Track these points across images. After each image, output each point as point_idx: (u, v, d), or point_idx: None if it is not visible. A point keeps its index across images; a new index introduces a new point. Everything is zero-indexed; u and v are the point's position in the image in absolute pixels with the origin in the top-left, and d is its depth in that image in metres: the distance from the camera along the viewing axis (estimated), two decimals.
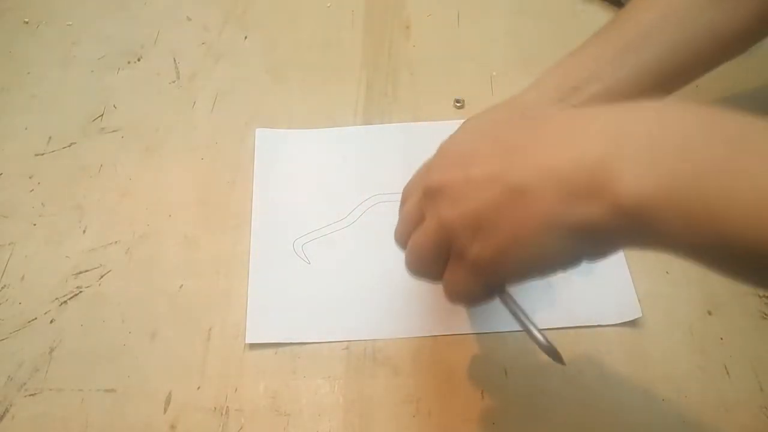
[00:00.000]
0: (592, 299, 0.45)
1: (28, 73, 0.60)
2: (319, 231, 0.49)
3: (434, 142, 0.36)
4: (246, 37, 0.62)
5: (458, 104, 0.56)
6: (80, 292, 0.47)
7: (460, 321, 0.45)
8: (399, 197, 0.50)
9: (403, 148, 0.53)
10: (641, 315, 0.44)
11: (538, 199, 0.27)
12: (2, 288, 0.47)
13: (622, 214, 0.25)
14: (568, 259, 0.28)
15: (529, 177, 0.27)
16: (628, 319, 0.44)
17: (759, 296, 0.45)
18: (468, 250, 0.30)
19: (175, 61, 0.60)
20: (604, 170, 0.25)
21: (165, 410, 0.42)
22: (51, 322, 0.46)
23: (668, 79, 0.43)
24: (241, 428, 0.41)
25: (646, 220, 0.24)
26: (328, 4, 0.64)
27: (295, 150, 0.54)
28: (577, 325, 0.44)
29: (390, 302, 0.46)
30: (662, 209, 0.24)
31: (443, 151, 0.33)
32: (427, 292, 0.45)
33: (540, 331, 0.33)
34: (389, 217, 0.49)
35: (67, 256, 0.49)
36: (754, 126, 0.25)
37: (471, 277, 0.31)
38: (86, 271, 0.48)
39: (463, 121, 0.39)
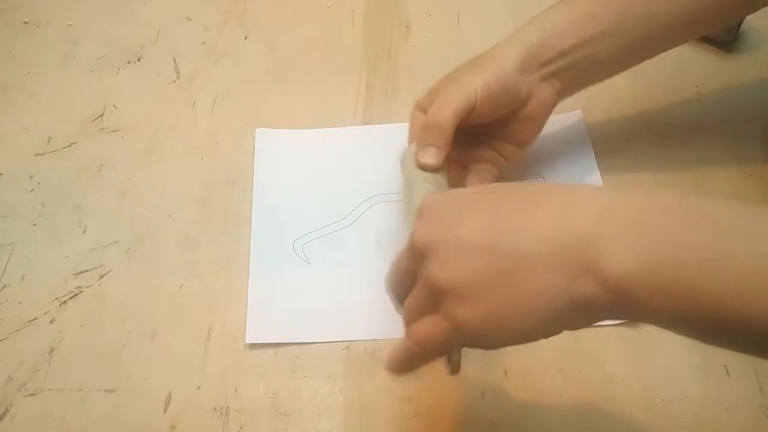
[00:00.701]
0: None
1: (28, 73, 0.60)
2: (319, 231, 0.49)
3: None
4: (246, 37, 0.62)
5: None
6: (80, 292, 0.47)
7: None
8: (399, 197, 0.50)
9: (403, 148, 0.53)
10: None
11: (535, 271, 0.27)
12: (2, 288, 0.47)
13: (609, 291, 0.26)
14: (553, 330, 0.29)
15: (525, 248, 0.28)
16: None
17: None
18: (454, 314, 0.29)
19: (175, 61, 0.60)
20: (593, 248, 0.26)
21: (165, 410, 0.42)
22: (51, 322, 0.46)
23: (647, 51, 0.45)
24: (241, 428, 0.41)
25: (630, 296, 0.26)
26: (328, 4, 0.64)
27: (295, 150, 0.54)
28: None
29: (386, 303, 0.46)
30: (643, 287, 0.25)
31: (426, 209, 0.32)
32: None
33: None
34: (389, 217, 0.50)
35: (67, 256, 0.49)
36: (738, 214, 0.26)
37: (448, 336, 0.30)
38: (86, 271, 0.48)
39: None
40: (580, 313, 0.28)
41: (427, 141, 0.42)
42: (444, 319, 0.30)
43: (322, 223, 0.49)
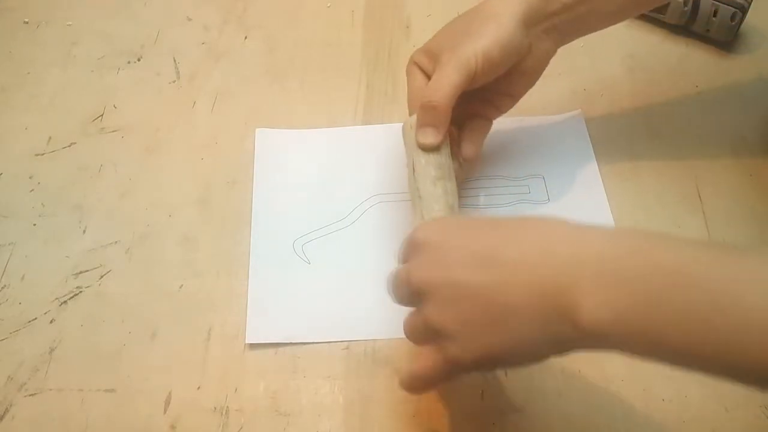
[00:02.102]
0: None
1: (28, 73, 0.60)
2: (319, 231, 0.49)
3: None
4: (246, 37, 0.62)
5: None
6: (80, 292, 0.47)
7: None
8: (399, 197, 0.50)
9: (403, 148, 0.53)
10: None
11: (521, 321, 0.30)
12: (2, 288, 0.47)
13: (585, 335, 0.29)
14: (541, 360, 0.32)
15: (511, 299, 0.30)
16: None
17: None
18: (448, 352, 0.33)
19: (175, 61, 0.60)
20: (569, 298, 0.29)
21: (165, 410, 0.42)
22: (51, 322, 0.46)
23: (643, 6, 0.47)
24: (241, 428, 0.41)
25: (604, 340, 0.29)
26: (328, 4, 0.64)
27: (295, 150, 0.54)
28: None
29: (390, 302, 0.46)
30: (614, 334, 0.28)
31: (419, 244, 0.35)
32: None
33: None
34: (389, 217, 0.50)
35: (67, 256, 0.49)
36: (688, 255, 0.28)
37: (444, 369, 0.34)
38: (86, 271, 0.48)
39: None
40: (562, 348, 0.31)
41: (425, 121, 0.41)
42: (438, 352, 0.33)
43: (322, 223, 0.49)
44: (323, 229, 0.49)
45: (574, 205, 0.49)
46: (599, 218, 0.49)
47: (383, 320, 0.45)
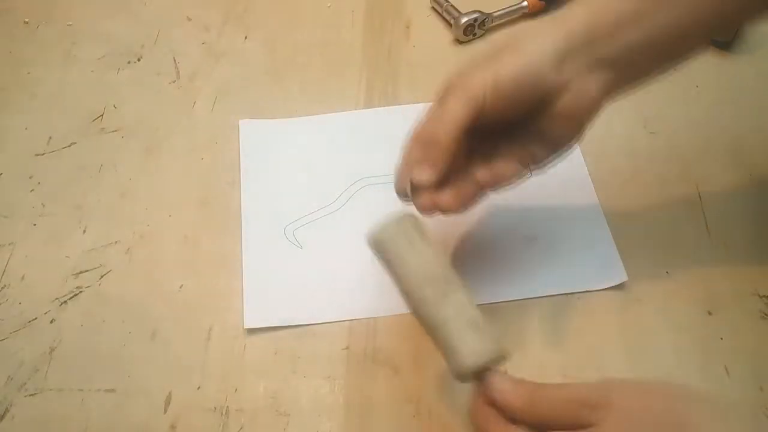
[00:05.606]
0: (578, 269, 0.47)
1: (28, 73, 0.60)
2: (309, 216, 0.50)
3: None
4: (246, 37, 0.62)
5: None
6: (80, 292, 0.47)
7: None
8: (383, 180, 0.51)
9: (385, 132, 0.54)
10: (627, 278, 0.45)
11: None
12: (2, 288, 0.47)
13: None
14: None
15: None
16: (614, 284, 0.45)
17: (759, 296, 0.45)
18: None
19: (175, 61, 0.60)
20: None
21: (165, 410, 0.42)
22: (51, 322, 0.46)
23: (697, 34, 0.38)
24: (241, 428, 0.41)
25: None
26: (328, 4, 0.64)
27: (280, 139, 0.54)
28: (566, 292, 0.45)
29: (384, 280, 0.46)
30: None
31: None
32: None
33: None
34: (376, 199, 0.51)
35: (67, 256, 0.49)
36: None
37: None
38: (86, 271, 0.48)
39: None
40: None
41: (424, 157, 0.37)
42: None
43: (311, 209, 0.50)
44: (313, 214, 0.50)
45: (557, 177, 0.49)
46: (580, 187, 0.50)
47: (378, 299, 0.46)
